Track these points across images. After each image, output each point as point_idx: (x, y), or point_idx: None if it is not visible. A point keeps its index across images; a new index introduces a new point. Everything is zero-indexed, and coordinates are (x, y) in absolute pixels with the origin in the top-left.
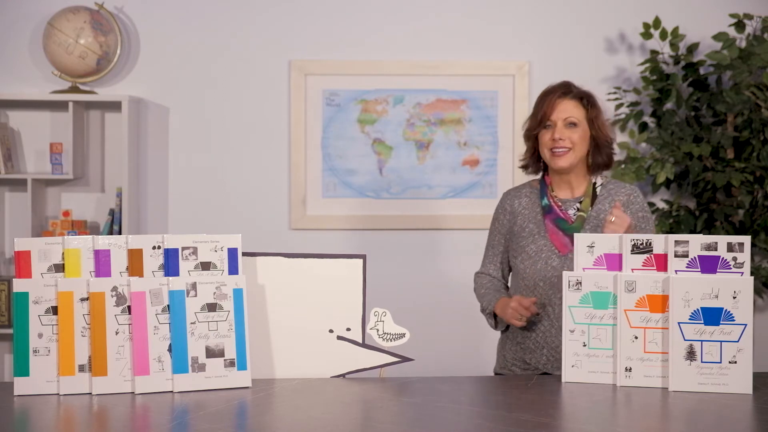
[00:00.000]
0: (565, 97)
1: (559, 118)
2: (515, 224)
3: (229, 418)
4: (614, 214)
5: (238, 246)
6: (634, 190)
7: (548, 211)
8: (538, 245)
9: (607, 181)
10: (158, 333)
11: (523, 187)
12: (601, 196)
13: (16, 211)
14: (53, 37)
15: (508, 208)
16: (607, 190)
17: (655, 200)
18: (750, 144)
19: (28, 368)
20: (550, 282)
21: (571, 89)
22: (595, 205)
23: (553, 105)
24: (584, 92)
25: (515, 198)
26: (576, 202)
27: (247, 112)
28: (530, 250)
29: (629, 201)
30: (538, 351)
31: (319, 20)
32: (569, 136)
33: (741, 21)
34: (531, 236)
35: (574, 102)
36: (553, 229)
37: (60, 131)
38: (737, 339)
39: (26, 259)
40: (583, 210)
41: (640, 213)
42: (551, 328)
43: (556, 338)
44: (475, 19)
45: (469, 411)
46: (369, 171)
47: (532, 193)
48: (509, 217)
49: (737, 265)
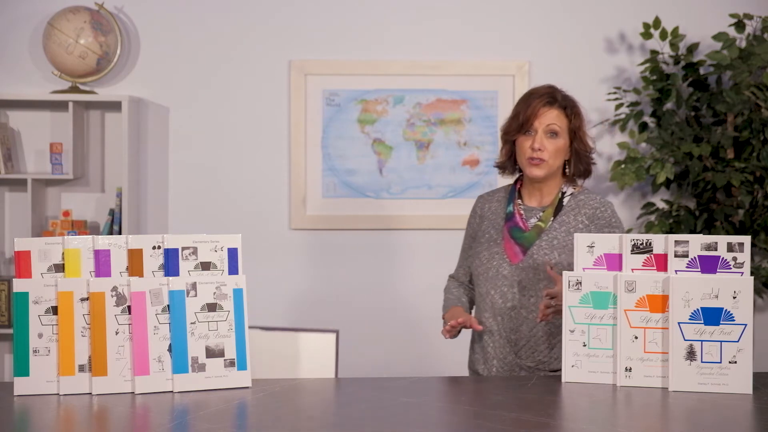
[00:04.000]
0: (550, 106)
1: (541, 126)
2: (480, 229)
3: (229, 418)
4: (545, 294)
5: (238, 246)
6: (604, 204)
7: (509, 219)
8: (491, 252)
9: (579, 191)
10: (158, 333)
11: (497, 192)
12: (567, 207)
13: (16, 211)
14: (53, 37)
15: (478, 212)
16: (577, 201)
17: (655, 200)
18: (750, 144)
19: (28, 368)
20: (500, 291)
21: (556, 97)
22: (559, 216)
23: (536, 112)
24: (569, 101)
25: (486, 202)
26: (540, 211)
27: (247, 112)
28: (483, 256)
29: (594, 215)
30: (489, 362)
31: (319, 20)
32: (548, 146)
33: (741, 21)
34: (488, 242)
35: (558, 111)
36: (507, 237)
37: (60, 131)
38: (737, 339)
39: (26, 259)
40: (542, 220)
41: (606, 228)
42: (500, 339)
43: (504, 349)
44: (475, 19)
45: (469, 411)
46: (369, 171)
47: (503, 198)
48: (478, 221)
49: (737, 265)
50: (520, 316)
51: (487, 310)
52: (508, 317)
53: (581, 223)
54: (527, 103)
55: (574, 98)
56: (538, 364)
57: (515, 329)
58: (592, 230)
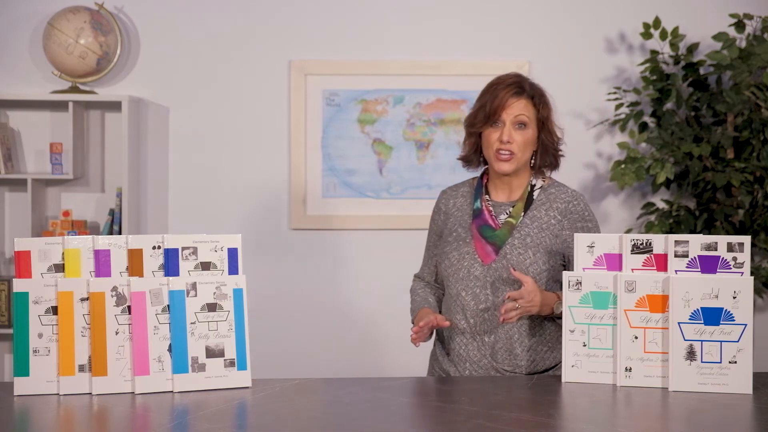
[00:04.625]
0: (518, 96)
1: (509, 117)
2: (446, 226)
3: (229, 418)
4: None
5: (238, 246)
6: (576, 197)
7: (477, 216)
8: (461, 252)
9: (549, 184)
10: (158, 333)
11: (461, 186)
12: (538, 201)
13: (16, 211)
14: (53, 37)
15: (442, 208)
16: (547, 194)
17: (655, 200)
18: (750, 144)
19: (28, 368)
20: (472, 292)
21: (524, 87)
22: (529, 211)
23: (504, 103)
24: (537, 90)
25: (450, 198)
26: (509, 206)
27: (247, 112)
28: (453, 257)
29: (567, 210)
30: (461, 365)
31: (319, 20)
32: (517, 138)
33: (741, 21)
34: (456, 242)
35: (526, 101)
36: (478, 236)
37: (60, 131)
38: (737, 339)
39: (26, 259)
40: (513, 216)
41: (579, 223)
42: (473, 341)
43: (479, 352)
44: (475, 19)
45: (469, 411)
46: (369, 171)
47: (468, 194)
48: (443, 217)
49: (737, 265)
50: (495, 318)
51: (458, 312)
52: (481, 319)
53: (554, 218)
54: (494, 94)
55: (541, 87)
56: (515, 367)
57: (490, 331)
58: (565, 225)
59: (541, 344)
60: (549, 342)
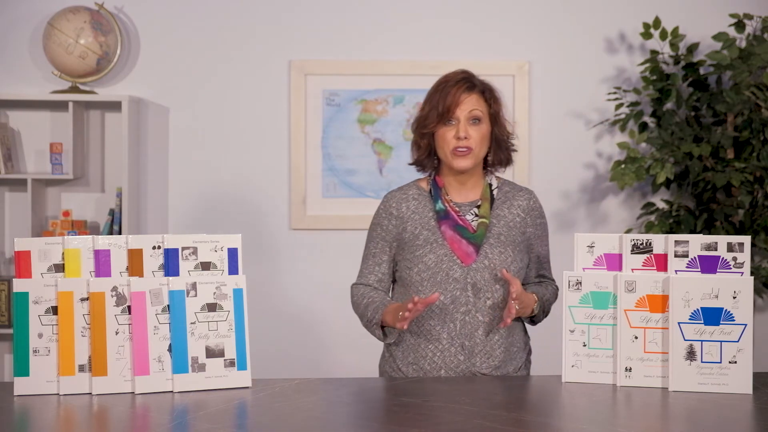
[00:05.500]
0: (469, 92)
1: (462, 114)
2: (405, 231)
3: (229, 418)
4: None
5: (238, 246)
6: (532, 194)
7: (444, 217)
8: (438, 255)
9: (501, 182)
10: (158, 333)
11: (409, 189)
12: (498, 200)
13: (16, 211)
14: (53, 37)
15: (394, 213)
16: (504, 192)
17: (655, 200)
18: (750, 144)
19: (28, 368)
20: (451, 295)
21: (474, 82)
22: (494, 210)
23: (457, 99)
24: (486, 85)
25: (402, 201)
26: (473, 206)
27: (247, 112)
28: (429, 260)
29: (528, 207)
30: (435, 372)
31: (319, 20)
32: (473, 134)
33: (741, 21)
34: (428, 245)
35: (478, 96)
36: (455, 238)
37: (60, 131)
38: (737, 339)
39: (26, 259)
40: (483, 216)
41: (538, 219)
42: (450, 347)
43: (456, 357)
44: (475, 19)
45: (469, 411)
46: (369, 171)
47: (420, 196)
48: (396, 222)
49: (737, 265)
50: (476, 320)
51: (433, 317)
52: (461, 323)
53: (518, 216)
54: (445, 92)
55: (490, 82)
56: (492, 369)
57: (469, 335)
58: (528, 222)
59: (514, 345)
60: (519, 342)
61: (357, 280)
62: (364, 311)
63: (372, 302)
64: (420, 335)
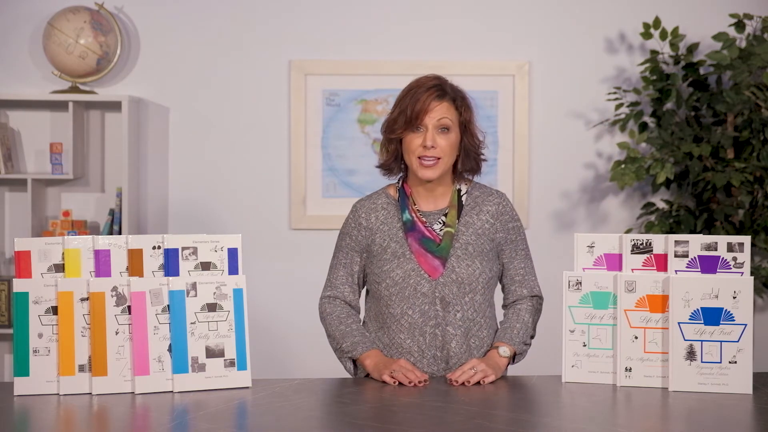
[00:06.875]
0: (440, 99)
1: (431, 122)
2: (374, 243)
3: (229, 418)
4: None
5: (238, 246)
6: (503, 197)
7: (411, 229)
8: (405, 270)
9: (471, 187)
10: (158, 333)
11: (378, 198)
12: (467, 206)
13: (16, 211)
14: (53, 37)
15: (363, 223)
16: (473, 198)
17: (655, 200)
18: (750, 144)
19: (28, 368)
20: (420, 310)
21: (445, 89)
22: (462, 218)
23: (426, 107)
24: (459, 92)
25: (371, 211)
26: (441, 214)
27: (247, 112)
28: (396, 275)
29: (498, 212)
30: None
31: (319, 20)
32: (441, 143)
33: (741, 21)
34: (395, 259)
35: (448, 104)
36: (420, 251)
37: (60, 131)
38: (737, 339)
39: (26, 259)
40: (449, 225)
41: (510, 223)
42: (423, 357)
43: (431, 368)
44: (475, 19)
45: (469, 411)
46: (369, 171)
47: (389, 205)
48: (365, 233)
49: (737, 265)
50: (447, 333)
51: (403, 331)
52: (431, 336)
53: (486, 222)
54: (415, 97)
55: (462, 89)
56: None
57: (442, 347)
58: (498, 228)
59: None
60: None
61: (328, 291)
62: (340, 340)
63: (350, 333)
64: (392, 348)
